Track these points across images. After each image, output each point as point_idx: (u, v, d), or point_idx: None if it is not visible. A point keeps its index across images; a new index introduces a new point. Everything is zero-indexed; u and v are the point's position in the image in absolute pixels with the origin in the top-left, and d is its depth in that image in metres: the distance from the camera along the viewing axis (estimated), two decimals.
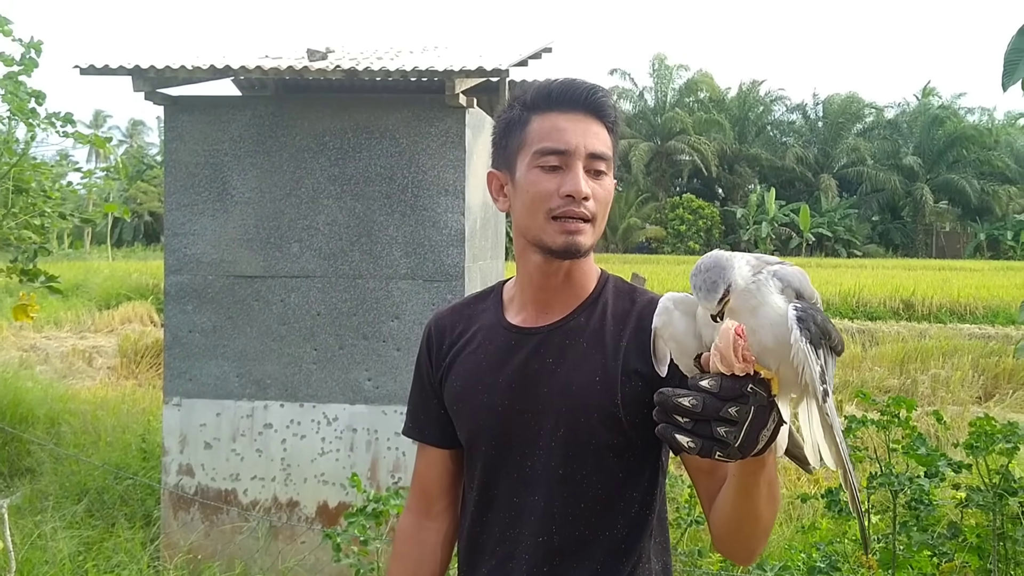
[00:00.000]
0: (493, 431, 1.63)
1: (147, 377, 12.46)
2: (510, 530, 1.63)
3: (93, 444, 7.56)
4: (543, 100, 1.58)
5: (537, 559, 1.60)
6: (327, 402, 5.39)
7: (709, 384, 1.16)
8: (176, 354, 5.50)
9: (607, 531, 1.59)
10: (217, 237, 5.45)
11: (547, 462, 1.59)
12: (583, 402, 1.56)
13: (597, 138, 1.56)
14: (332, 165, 5.35)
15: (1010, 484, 4.08)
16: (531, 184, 1.56)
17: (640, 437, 1.56)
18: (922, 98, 54.61)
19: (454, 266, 5.28)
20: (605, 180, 1.58)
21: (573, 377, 1.58)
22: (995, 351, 13.60)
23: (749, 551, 1.50)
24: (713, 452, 1.17)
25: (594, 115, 1.58)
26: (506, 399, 1.62)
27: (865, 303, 20.10)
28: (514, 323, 1.67)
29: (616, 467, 1.58)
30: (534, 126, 1.57)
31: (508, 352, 1.64)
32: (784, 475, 7.60)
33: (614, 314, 1.62)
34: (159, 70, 5.22)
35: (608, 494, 1.58)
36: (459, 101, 5.15)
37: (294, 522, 5.40)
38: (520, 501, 1.61)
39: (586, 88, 1.58)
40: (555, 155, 1.54)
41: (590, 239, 1.57)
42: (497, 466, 1.64)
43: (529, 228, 1.59)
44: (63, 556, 5.05)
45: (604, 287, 1.66)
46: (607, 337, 1.60)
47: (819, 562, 4.07)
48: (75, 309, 18.63)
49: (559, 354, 1.60)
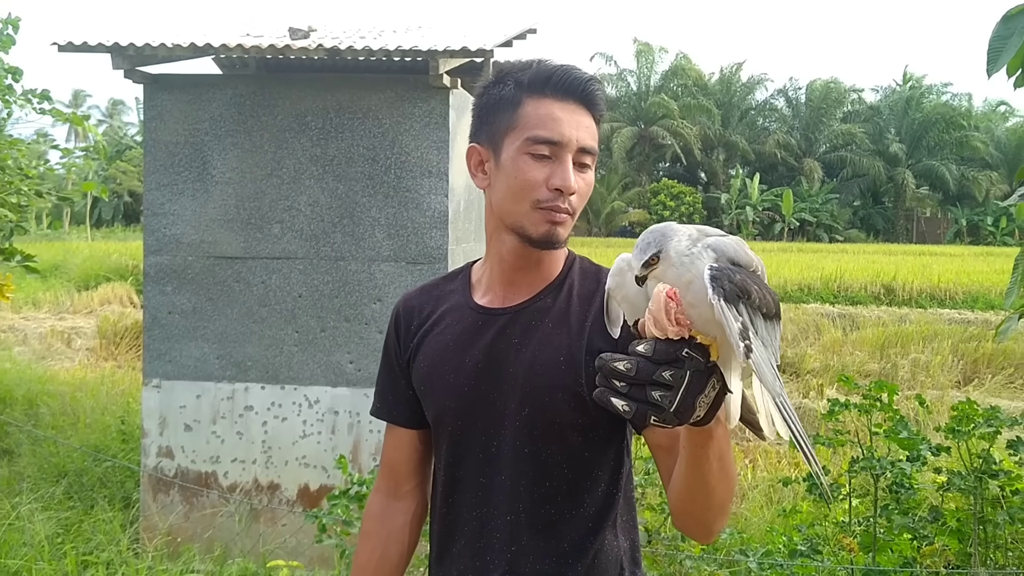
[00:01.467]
0: (459, 411, 1.63)
1: (127, 359, 12.39)
2: (477, 510, 1.63)
3: (72, 426, 7.50)
4: (540, 83, 1.56)
5: (504, 538, 1.61)
6: (309, 384, 5.35)
7: (644, 348, 1.16)
8: (156, 335, 5.44)
9: (573, 510, 1.60)
10: (197, 218, 5.39)
11: (512, 442, 1.60)
12: (547, 382, 1.57)
13: (588, 131, 1.56)
14: (314, 145, 5.30)
15: (991, 467, 4.10)
16: (519, 170, 1.54)
17: (605, 417, 1.54)
18: (902, 83, 54.82)
19: (437, 248, 5.25)
20: (588, 174, 1.57)
21: (538, 357, 1.58)
22: (975, 336, 13.72)
23: (705, 527, 1.49)
24: (648, 416, 1.16)
25: (586, 106, 1.56)
26: (472, 379, 1.62)
27: (846, 288, 20.20)
28: (481, 304, 1.67)
29: (581, 447, 1.59)
30: (528, 109, 1.55)
31: (475, 333, 1.64)
32: (765, 458, 7.63)
33: (580, 294, 1.63)
34: (138, 47, 5.14)
35: (574, 473, 1.59)
36: (443, 82, 5.10)
37: (275, 505, 5.38)
38: (486, 481, 1.62)
39: (584, 79, 1.56)
40: (548, 144, 1.52)
41: (568, 230, 1.58)
42: (463, 446, 1.64)
43: (511, 213, 1.57)
44: (41, 538, 5.01)
45: (571, 268, 1.67)
46: (572, 317, 1.60)
47: (800, 545, 4.09)
48: (54, 290, 18.47)
49: (524, 335, 1.61)
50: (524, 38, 5.78)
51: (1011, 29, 2.88)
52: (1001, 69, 2.94)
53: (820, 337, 14.42)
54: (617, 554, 1.63)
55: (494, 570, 1.61)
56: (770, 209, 50.71)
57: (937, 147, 51.12)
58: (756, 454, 7.72)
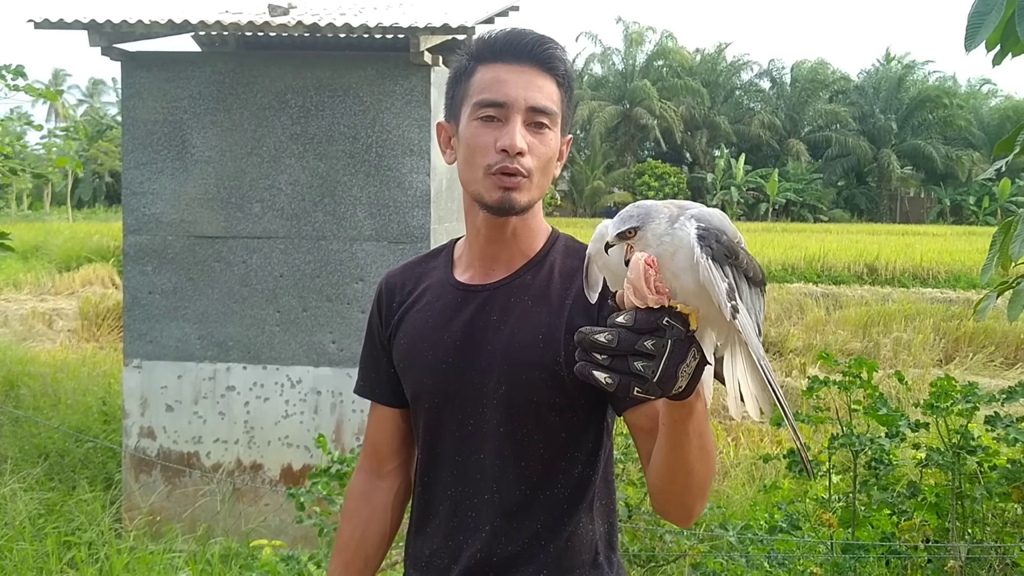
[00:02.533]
0: (436, 388, 1.61)
1: (108, 340, 12.33)
2: (452, 488, 1.62)
3: (53, 407, 7.47)
4: (488, 50, 1.54)
5: (478, 518, 1.59)
6: (291, 364, 5.34)
7: (624, 319, 1.14)
8: (136, 316, 5.41)
9: (548, 490, 1.57)
10: (177, 197, 5.35)
11: (489, 420, 1.57)
12: (525, 360, 1.54)
13: (540, 91, 1.52)
14: (294, 124, 5.26)
15: (969, 443, 4.13)
16: (470, 137, 1.53)
17: (583, 397, 1.53)
18: (885, 63, 54.90)
19: (419, 228, 5.23)
20: (547, 134, 1.53)
21: (516, 335, 1.56)
22: (956, 315, 13.82)
23: (685, 509, 1.46)
24: (631, 388, 1.14)
25: (541, 67, 1.53)
26: (450, 356, 1.60)
27: (830, 267, 20.28)
28: (461, 281, 1.65)
29: (558, 426, 1.56)
30: (477, 77, 1.54)
31: (454, 310, 1.62)
32: (747, 436, 7.68)
33: (561, 272, 1.60)
34: (116, 25, 5.09)
35: (550, 453, 1.57)
36: (424, 59, 5.07)
37: (257, 484, 5.37)
38: (463, 459, 1.60)
39: (533, 39, 1.53)
40: (493, 107, 1.50)
41: (527, 196, 1.54)
42: (440, 424, 1.62)
43: (469, 182, 1.56)
44: (22, 518, 4.99)
45: (553, 245, 1.64)
46: (552, 295, 1.57)
47: (781, 521, 4.12)
48: (35, 271, 18.34)
49: (503, 312, 1.58)
50: (506, 15, 5.76)
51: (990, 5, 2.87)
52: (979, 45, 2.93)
53: (803, 316, 14.50)
54: (592, 537, 1.61)
55: (466, 550, 1.59)
56: (754, 189, 50.79)
57: (922, 127, 51.29)
58: (739, 432, 7.76)
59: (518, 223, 1.59)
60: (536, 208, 1.61)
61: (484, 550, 1.58)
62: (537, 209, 1.62)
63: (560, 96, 1.55)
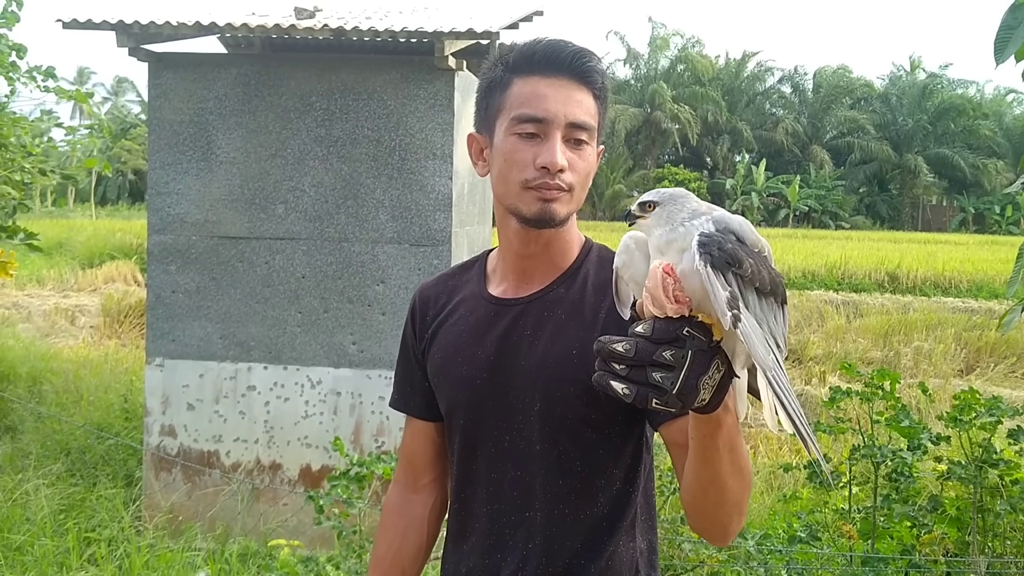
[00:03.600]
0: (471, 404, 1.59)
1: (130, 337, 12.41)
2: (488, 506, 1.59)
3: (75, 403, 7.52)
4: (525, 62, 1.51)
5: (518, 536, 1.56)
6: (311, 365, 5.36)
7: (642, 328, 1.11)
8: (159, 314, 5.45)
9: (588, 509, 1.54)
10: (201, 197, 5.39)
11: (525, 437, 1.55)
12: (560, 376, 1.51)
13: (580, 106, 1.49)
14: (319, 126, 5.29)
15: (991, 457, 4.10)
16: (508, 152, 1.50)
17: (619, 412, 1.50)
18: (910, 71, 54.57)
19: (441, 231, 5.24)
20: (586, 150, 1.51)
21: (550, 350, 1.53)
22: (978, 324, 13.70)
23: (721, 527, 1.41)
24: (649, 399, 1.10)
25: (579, 81, 1.50)
26: (484, 372, 1.57)
27: (850, 275, 20.18)
28: (495, 294, 1.62)
29: (596, 443, 1.53)
30: (515, 90, 1.50)
31: (488, 324, 1.60)
32: (766, 444, 7.64)
33: (595, 284, 1.57)
34: (143, 25, 5.13)
35: (588, 470, 1.54)
36: (448, 63, 5.08)
37: (276, 484, 5.40)
38: (498, 476, 1.58)
39: (572, 52, 1.50)
40: (533, 123, 1.47)
41: (567, 208, 1.51)
42: (474, 440, 1.60)
43: (505, 195, 1.53)
44: (44, 514, 5.04)
45: (587, 256, 1.61)
46: (586, 308, 1.54)
47: (800, 531, 4.10)
48: (58, 267, 18.50)
49: (537, 326, 1.56)
50: (531, 20, 5.75)
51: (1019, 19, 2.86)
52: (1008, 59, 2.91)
53: (823, 324, 14.41)
54: (633, 555, 1.57)
55: (504, 569, 1.57)
56: (775, 195, 50.57)
57: (946, 135, 50.93)
58: (757, 440, 7.73)
59: (552, 236, 1.57)
60: (571, 220, 1.58)
61: (523, 570, 1.56)
62: (572, 221, 1.59)
63: (597, 109, 1.53)
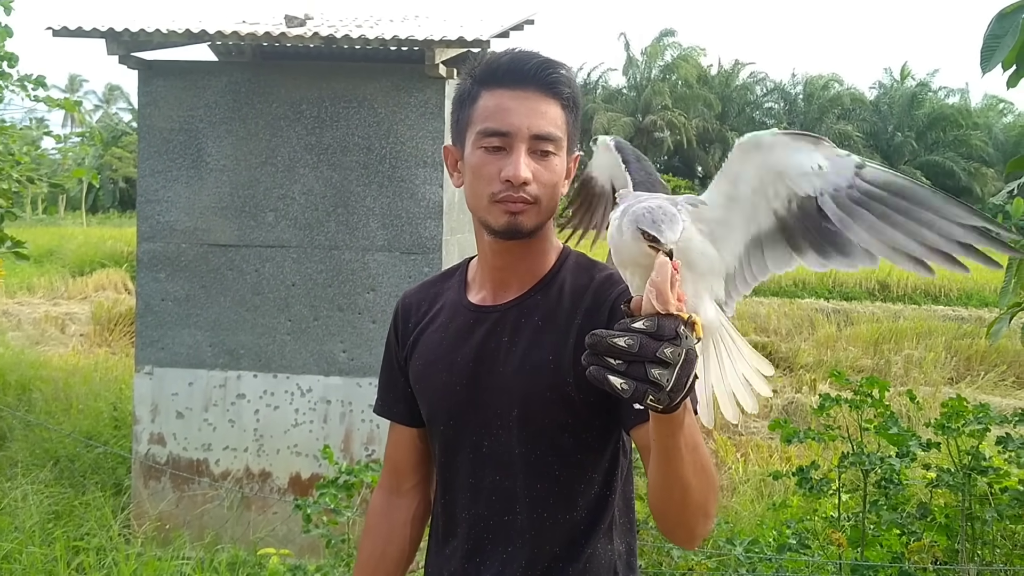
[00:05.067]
0: (450, 411, 1.61)
1: (120, 345, 12.38)
2: (468, 511, 1.61)
3: (64, 411, 7.50)
4: (491, 75, 1.52)
5: (498, 541, 1.58)
6: (301, 373, 5.35)
7: (645, 324, 1.10)
8: (148, 322, 5.44)
9: (567, 513, 1.56)
10: (191, 205, 5.38)
11: (504, 442, 1.56)
12: (537, 382, 1.53)
13: (545, 117, 1.50)
14: (309, 134, 5.29)
15: (979, 464, 4.11)
16: (475, 165, 1.52)
17: (596, 417, 1.52)
18: (900, 80, 54.83)
19: (431, 239, 5.25)
20: (553, 160, 1.51)
21: (527, 356, 1.54)
22: (968, 333, 13.76)
23: (688, 528, 1.41)
24: (646, 395, 1.10)
25: (546, 92, 1.50)
26: (463, 378, 1.59)
27: (841, 283, 20.23)
28: (474, 302, 1.64)
29: (573, 448, 1.55)
30: (481, 103, 1.51)
31: (467, 331, 1.61)
32: (757, 452, 7.65)
33: (572, 291, 1.57)
34: (133, 33, 5.12)
35: (566, 475, 1.55)
36: (439, 71, 5.09)
37: (266, 493, 5.38)
38: (476, 482, 1.59)
39: (537, 63, 1.50)
40: (497, 136, 1.49)
41: (534, 220, 1.52)
42: (454, 445, 1.62)
43: (476, 208, 1.55)
44: (32, 523, 5.01)
45: (564, 263, 1.62)
46: (562, 315, 1.55)
47: (790, 539, 4.10)
48: (48, 275, 18.45)
49: (515, 333, 1.57)
50: (521, 29, 5.76)
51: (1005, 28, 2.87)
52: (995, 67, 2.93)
53: (814, 332, 14.46)
54: (611, 558, 1.59)
55: (485, 572, 1.59)
56: None
57: (937, 145, 51.16)
58: (748, 448, 7.74)
59: (526, 245, 1.57)
60: (547, 228, 1.59)
61: (504, 574, 1.57)
62: (547, 229, 1.60)
63: (565, 119, 1.53)
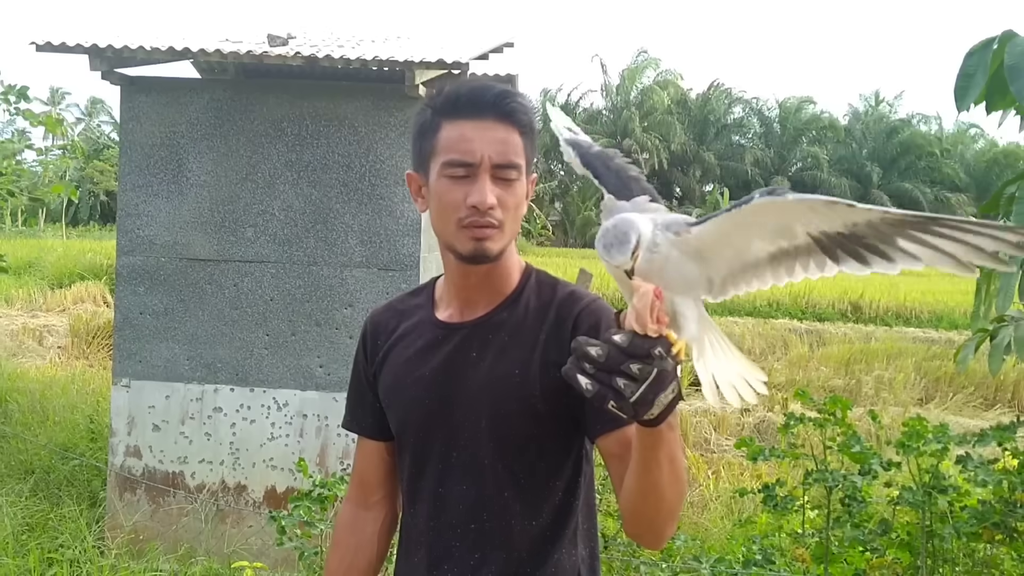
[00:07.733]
0: (419, 423, 1.68)
1: (98, 358, 12.34)
2: (434, 520, 1.67)
3: (40, 423, 7.49)
4: (451, 106, 1.58)
5: (464, 549, 1.64)
6: (278, 387, 5.40)
7: (620, 338, 1.18)
8: (126, 335, 5.48)
9: (533, 520, 1.63)
10: (171, 219, 5.44)
11: (470, 454, 1.64)
12: (504, 395, 1.60)
13: (505, 145, 1.56)
14: (289, 151, 5.36)
15: (940, 483, 4.21)
16: (441, 193, 1.58)
17: (561, 428, 1.61)
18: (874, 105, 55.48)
19: (409, 256, 5.32)
20: (515, 185, 1.58)
21: (494, 371, 1.62)
22: (937, 355, 13.94)
23: (656, 532, 1.51)
24: (607, 400, 1.18)
25: (505, 121, 1.57)
26: (431, 392, 1.66)
27: (814, 304, 20.44)
28: (442, 319, 1.71)
29: (538, 458, 1.62)
30: (443, 134, 1.57)
31: (435, 347, 1.68)
32: (728, 470, 7.74)
33: (535, 308, 1.66)
34: (117, 49, 5.18)
35: (532, 484, 1.63)
36: (419, 92, 5.18)
37: (241, 506, 5.42)
38: (445, 492, 1.66)
39: (495, 94, 1.57)
40: (462, 167, 1.55)
41: (499, 244, 1.59)
42: (423, 457, 1.68)
43: (443, 233, 1.61)
44: (6, 534, 5.02)
45: (527, 282, 1.70)
46: (527, 331, 1.64)
47: (756, 555, 4.19)
48: (27, 287, 18.33)
49: (482, 348, 1.65)
50: (501, 51, 5.87)
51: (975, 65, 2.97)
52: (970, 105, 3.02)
53: (787, 352, 14.62)
54: (575, 563, 1.65)
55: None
56: None
57: (908, 171, 51.76)
58: (719, 466, 7.83)
59: (490, 267, 1.64)
60: (509, 249, 1.66)
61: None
62: (510, 250, 1.67)
63: (523, 144, 1.60)
